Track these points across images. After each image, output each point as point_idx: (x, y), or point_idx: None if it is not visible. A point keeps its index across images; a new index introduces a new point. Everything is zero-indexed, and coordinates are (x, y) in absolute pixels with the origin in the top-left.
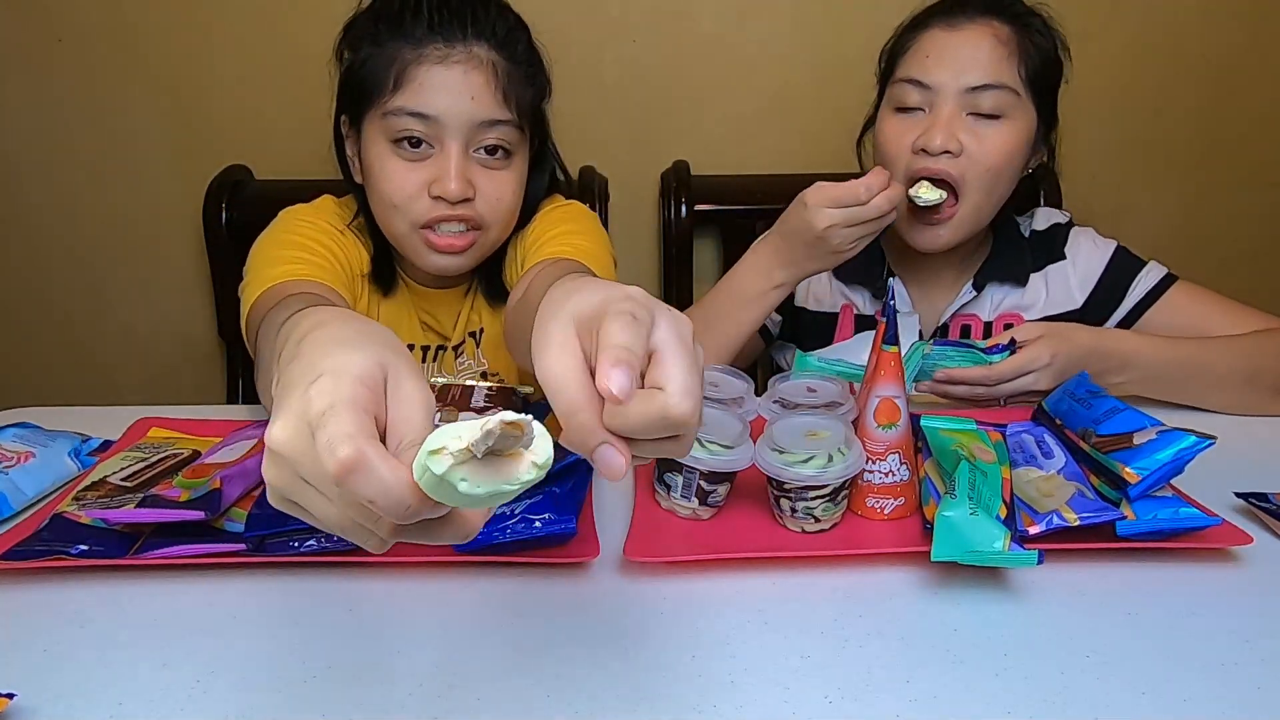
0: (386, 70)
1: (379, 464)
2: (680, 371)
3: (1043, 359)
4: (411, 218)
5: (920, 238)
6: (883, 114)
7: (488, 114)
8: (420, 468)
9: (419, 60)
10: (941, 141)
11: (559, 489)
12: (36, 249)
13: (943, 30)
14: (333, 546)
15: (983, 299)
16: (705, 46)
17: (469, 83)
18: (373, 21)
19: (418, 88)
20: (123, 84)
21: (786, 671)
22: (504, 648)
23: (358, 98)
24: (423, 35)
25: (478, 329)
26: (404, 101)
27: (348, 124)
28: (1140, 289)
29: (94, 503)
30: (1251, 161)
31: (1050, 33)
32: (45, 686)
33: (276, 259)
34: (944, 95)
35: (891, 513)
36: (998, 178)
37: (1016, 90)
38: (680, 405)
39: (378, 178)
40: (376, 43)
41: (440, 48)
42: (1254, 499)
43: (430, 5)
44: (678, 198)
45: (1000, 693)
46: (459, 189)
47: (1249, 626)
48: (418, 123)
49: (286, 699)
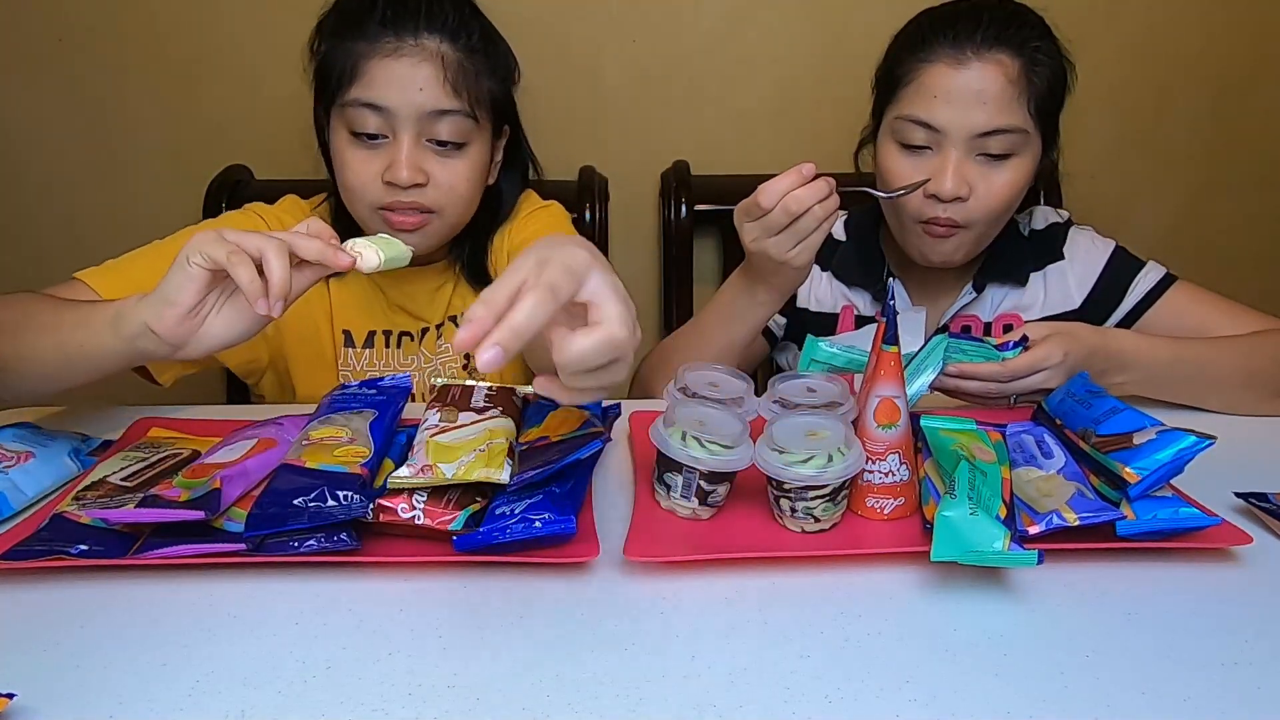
0: (344, 64)
1: None
2: (614, 307)
3: (1055, 356)
4: (368, 201)
5: (929, 252)
6: (886, 146)
7: (436, 104)
8: None
9: (371, 54)
10: (953, 188)
11: (559, 489)
12: (37, 248)
13: (949, 67)
14: (333, 546)
15: (983, 300)
16: (705, 46)
17: (417, 75)
18: (335, 17)
19: (369, 81)
20: (123, 84)
21: (786, 671)
22: (504, 648)
23: (324, 89)
24: (376, 30)
25: (459, 312)
26: (358, 94)
27: (323, 114)
28: (1140, 289)
29: (94, 503)
30: (1252, 162)
31: (1058, 54)
32: (45, 686)
33: (145, 272)
34: (952, 139)
35: (891, 513)
36: (1003, 212)
37: (1025, 129)
38: (619, 330)
39: (340, 166)
40: (337, 37)
41: (391, 41)
42: (1254, 499)
43: (384, 1)
44: (678, 198)
45: (1000, 692)
46: (409, 176)
47: (1249, 626)
48: (371, 114)
49: (286, 699)
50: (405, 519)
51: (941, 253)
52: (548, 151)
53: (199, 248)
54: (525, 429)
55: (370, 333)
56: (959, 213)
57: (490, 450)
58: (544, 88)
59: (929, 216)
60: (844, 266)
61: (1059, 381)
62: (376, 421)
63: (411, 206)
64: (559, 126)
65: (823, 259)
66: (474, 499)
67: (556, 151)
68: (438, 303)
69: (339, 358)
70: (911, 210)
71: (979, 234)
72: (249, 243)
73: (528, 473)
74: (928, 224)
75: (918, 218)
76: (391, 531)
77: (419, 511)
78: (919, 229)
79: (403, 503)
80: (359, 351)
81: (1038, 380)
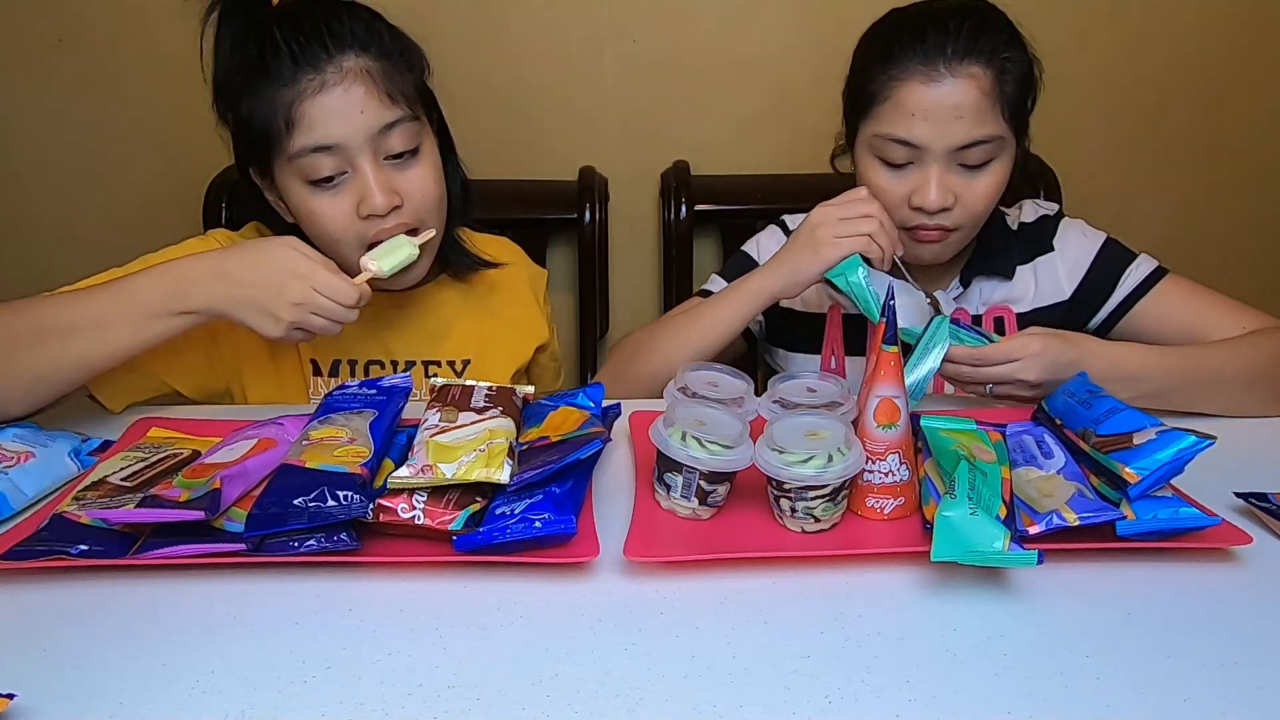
0: (273, 116)
1: None
2: None
3: (1031, 348)
4: (352, 240)
5: (919, 252)
6: (865, 161)
7: (380, 120)
8: None
9: (298, 97)
10: (938, 200)
11: (559, 489)
12: (37, 248)
13: (922, 85)
14: (333, 546)
15: (970, 294)
16: (705, 46)
17: (351, 99)
18: (240, 75)
19: (309, 124)
20: (122, 84)
21: (786, 671)
22: (504, 648)
23: (258, 149)
24: (291, 71)
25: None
26: (302, 141)
27: (258, 174)
28: (1130, 281)
29: (94, 503)
30: (1252, 161)
31: (1025, 55)
32: (45, 686)
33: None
34: (933, 153)
35: (891, 513)
36: (988, 211)
37: (1002, 135)
38: None
39: (309, 220)
40: (252, 92)
41: (312, 76)
42: (1254, 499)
43: (284, 37)
44: (678, 198)
45: (1000, 693)
46: (385, 201)
47: (1249, 626)
48: (323, 156)
49: (286, 699)
50: (405, 519)
51: (932, 252)
52: (548, 151)
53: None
54: (525, 429)
55: (335, 361)
56: (945, 219)
57: (490, 450)
58: (544, 88)
59: (916, 224)
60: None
61: (1033, 375)
62: (376, 421)
63: (396, 229)
64: (559, 126)
65: None
66: (474, 499)
67: (556, 151)
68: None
69: (309, 386)
70: (898, 219)
71: (965, 234)
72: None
73: (528, 473)
74: (914, 229)
75: (904, 225)
76: (391, 531)
77: (419, 511)
78: (907, 234)
79: (403, 503)
80: (327, 380)
81: (1011, 370)
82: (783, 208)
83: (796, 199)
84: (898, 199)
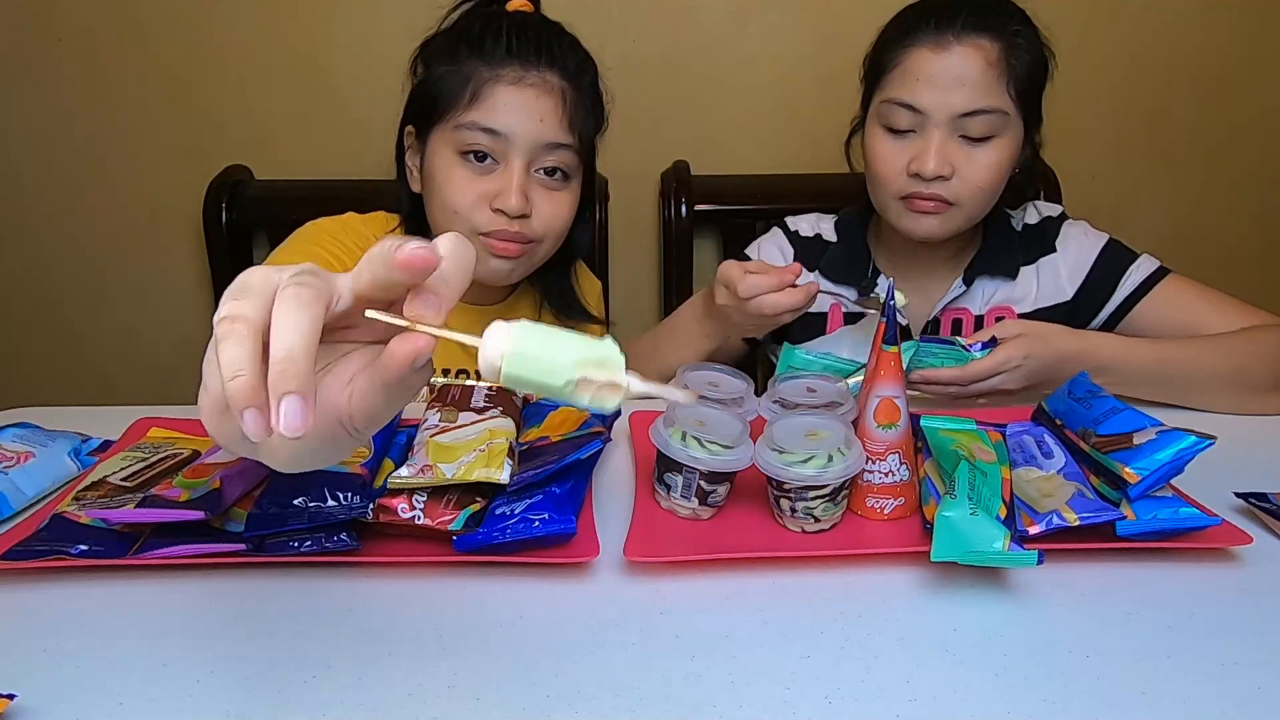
0: (463, 86)
1: None
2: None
3: (1015, 359)
4: (470, 225)
5: (912, 225)
6: (872, 130)
7: (553, 137)
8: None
9: (495, 79)
10: (935, 167)
11: (559, 489)
12: (37, 249)
13: (931, 51)
14: (333, 546)
15: (973, 293)
16: (705, 46)
17: (539, 105)
18: (453, 40)
19: (491, 105)
20: (122, 84)
21: (786, 671)
22: (504, 648)
23: (429, 110)
24: (501, 57)
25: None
26: (477, 116)
27: (413, 134)
28: (1131, 281)
29: (94, 503)
30: (1251, 161)
31: (1037, 40)
32: (45, 686)
33: (294, 252)
34: (935, 120)
35: (891, 513)
36: (989, 191)
37: (1006, 110)
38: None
39: (442, 186)
40: (454, 60)
41: (516, 70)
42: (1254, 499)
43: (510, 31)
44: (678, 198)
45: (1000, 693)
46: (519, 204)
47: (1249, 626)
48: (487, 137)
49: (286, 699)
50: (405, 519)
51: (926, 226)
52: None
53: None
54: (525, 429)
55: (445, 371)
56: (943, 190)
57: (490, 450)
58: None
59: (911, 192)
60: (832, 266)
61: (1018, 384)
62: None
63: (516, 236)
64: None
65: (811, 260)
66: (474, 499)
67: None
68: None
69: None
70: (895, 187)
71: (964, 213)
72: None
73: (528, 473)
74: (909, 199)
75: (900, 194)
76: (391, 531)
77: (419, 511)
78: (901, 205)
79: (403, 503)
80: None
81: (997, 382)
82: (783, 208)
83: (796, 199)
84: (898, 167)
